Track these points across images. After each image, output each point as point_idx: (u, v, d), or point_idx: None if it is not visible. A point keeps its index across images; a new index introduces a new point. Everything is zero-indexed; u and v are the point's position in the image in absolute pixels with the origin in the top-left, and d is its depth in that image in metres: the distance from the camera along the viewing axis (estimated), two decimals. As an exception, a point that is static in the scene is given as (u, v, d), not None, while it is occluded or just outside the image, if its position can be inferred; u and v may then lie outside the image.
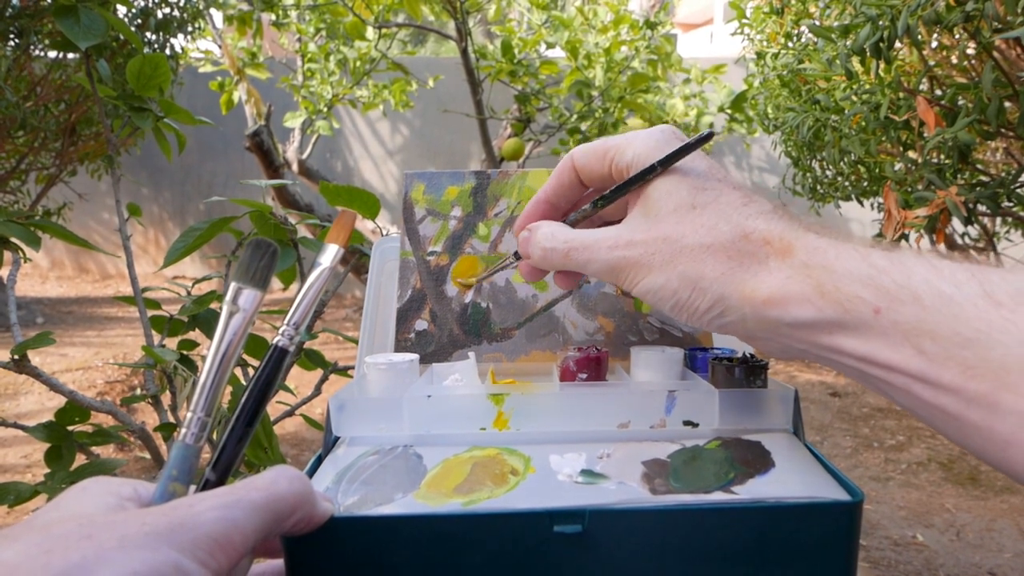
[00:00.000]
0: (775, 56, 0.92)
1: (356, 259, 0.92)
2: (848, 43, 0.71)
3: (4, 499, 0.78)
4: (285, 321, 0.36)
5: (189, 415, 0.33)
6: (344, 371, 0.96)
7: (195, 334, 0.95)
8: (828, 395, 2.89)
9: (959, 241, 1.93)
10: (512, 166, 2.68)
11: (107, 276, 4.98)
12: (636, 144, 0.38)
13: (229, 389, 0.85)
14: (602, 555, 0.34)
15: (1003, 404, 0.27)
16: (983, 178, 0.92)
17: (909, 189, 0.78)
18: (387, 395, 0.45)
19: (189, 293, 0.95)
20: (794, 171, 1.67)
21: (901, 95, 0.76)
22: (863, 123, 0.79)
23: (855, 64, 0.75)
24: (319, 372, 0.94)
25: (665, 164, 0.36)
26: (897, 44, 0.72)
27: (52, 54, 1.52)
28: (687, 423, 0.42)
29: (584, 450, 0.40)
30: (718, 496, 0.35)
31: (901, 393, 0.30)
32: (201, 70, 2.89)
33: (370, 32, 2.46)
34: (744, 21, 1.01)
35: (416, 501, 0.36)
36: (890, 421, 2.58)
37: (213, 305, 0.92)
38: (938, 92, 0.77)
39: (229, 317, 0.34)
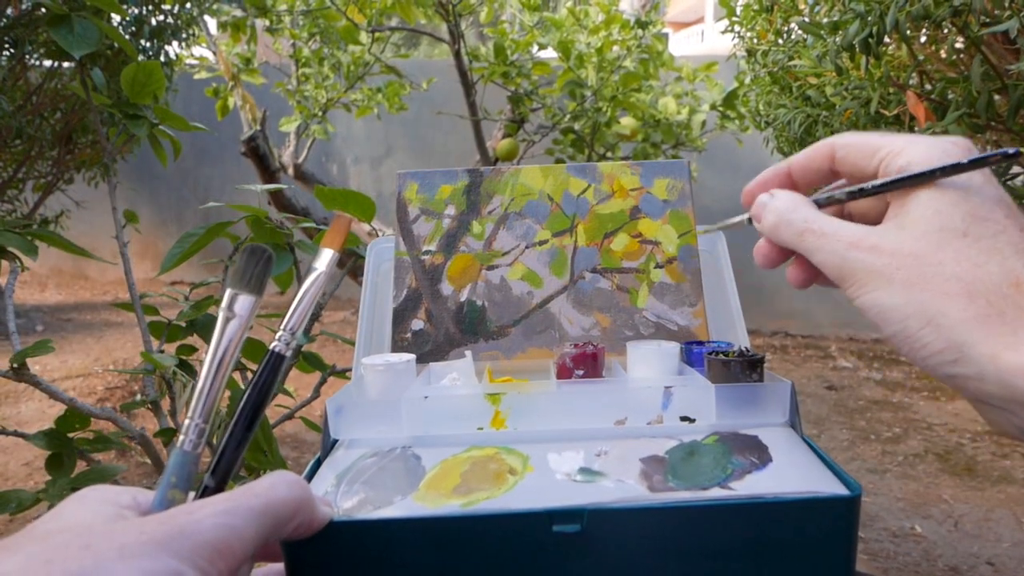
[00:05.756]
0: (765, 53, 0.92)
1: (352, 262, 0.93)
2: (837, 39, 0.71)
3: (5, 507, 0.78)
4: (281, 326, 0.36)
5: (187, 422, 0.33)
6: (343, 373, 0.96)
7: (194, 339, 0.95)
8: (824, 388, 2.89)
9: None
10: (507, 167, 2.67)
11: (106, 282, 4.98)
12: (918, 149, 0.33)
13: (228, 393, 0.85)
14: (601, 554, 0.34)
15: None
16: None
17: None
18: (385, 396, 0.45)
19: (187, 298, 0.95)
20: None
21: (891, 90, 0.76)
22: (854, 118, 0.80)
23: (845, 60, 0.75)
24: (318, 374, 0.94)
25: (948, 173, 0.32)
26: (886, 39, 0.73)
27: (48, 63, 1.52)
28: (684, 419, 0.42)
29: (582, 448, 0.40)
30: (716, 493, 0.35)
31: None
32: (196, 76, 2.89)
33: (363, 36, 2.46)
34: (734, 19, 1.02)
35: (415, 503, 0.36)
36: (886, 413, 2.59)
37: (211, 310, 0.92)
38: (928, 87, 0.77)
39: (225, 323, 0.34)
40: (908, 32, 0.68)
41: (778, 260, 0.38)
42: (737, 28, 1.04)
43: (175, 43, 1.74)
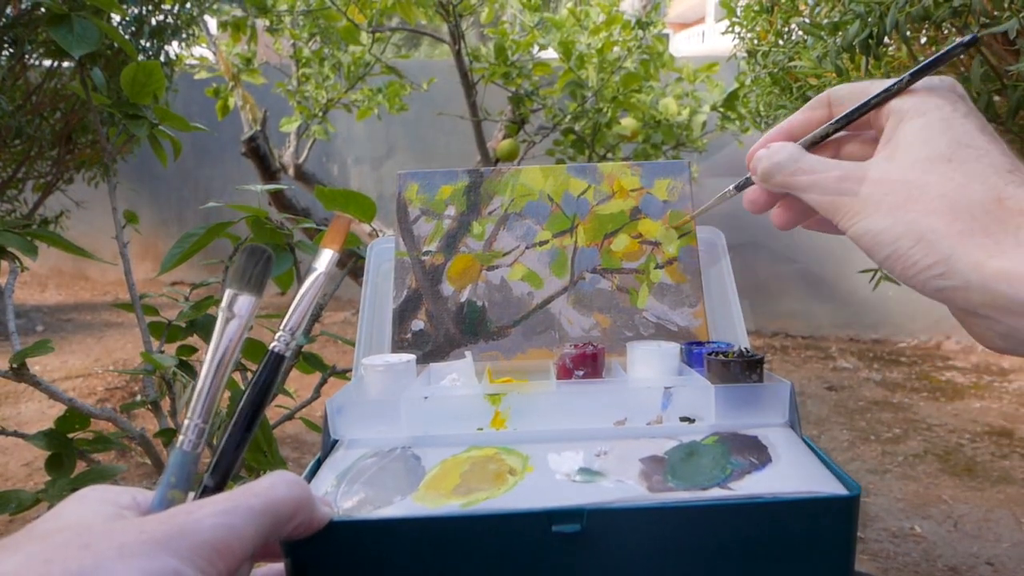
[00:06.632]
0: (765, 54, 0.92)
1: (353, 262, 0.93)
2: (838, 40, 0.71)
3: (5, 507, 0.79)
4: (281, 327, 0.36)
5: (187, 422, 0.34)
6: (343, 374, 0.96)
7: (194, 339, 0.95)
8: (824, 389, 2.89)
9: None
10: (508, 167, 2.66)
11: (106, 282, 4.98)
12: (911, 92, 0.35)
13: (227, 394, 0.85)
14: (601, 554, 0.34)
15: None
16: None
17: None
18: (385, 396, 0.45)
19: (187, 299, 0.95)
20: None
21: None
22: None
23: (845, 61, 0.75)
24: (318, 375, 0.94)
25: (916, 76, 0.35)
26: (886, 40, 0.73)
27: (47, 62, 1.52)
28: (684, 419, 0.42)
29: (582, 448, 0.40)
30: (715, 493, 0.35)
31: None
32: (196, 76, 2.89)
33: (364, 36, 2.46)
34: (735, 20, 1.01)
35: (415, 503, 0.36)
36: (887, 414, 2.59)
37: (211, 310, 0.92)
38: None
39: (225, 323, 0.34)
40: (908, 33, 0.68)
41: (766, 205, 0.42)
42: (737, 29, 1.04)
43: (175, 43, 1.74)
